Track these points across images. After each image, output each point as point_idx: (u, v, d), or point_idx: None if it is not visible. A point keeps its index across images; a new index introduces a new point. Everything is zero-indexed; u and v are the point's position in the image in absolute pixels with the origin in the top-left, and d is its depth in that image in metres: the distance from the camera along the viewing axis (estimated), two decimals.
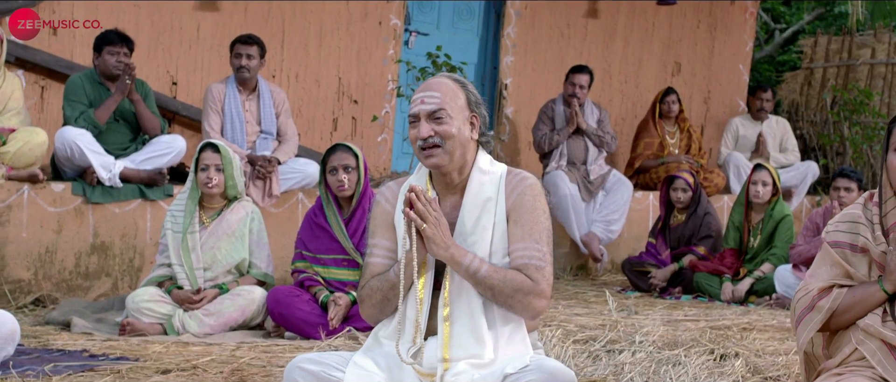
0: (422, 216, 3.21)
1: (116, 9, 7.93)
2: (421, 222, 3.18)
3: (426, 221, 3.20)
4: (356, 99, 9.10)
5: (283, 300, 5.69)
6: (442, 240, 3.22)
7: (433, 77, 3.42)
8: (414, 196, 3.21)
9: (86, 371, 4.37)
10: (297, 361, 3.29)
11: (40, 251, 6.74)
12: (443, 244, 3.22)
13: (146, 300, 5.73)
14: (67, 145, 6.77)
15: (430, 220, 3.21)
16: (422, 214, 3.20)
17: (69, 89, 7.08)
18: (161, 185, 7.16)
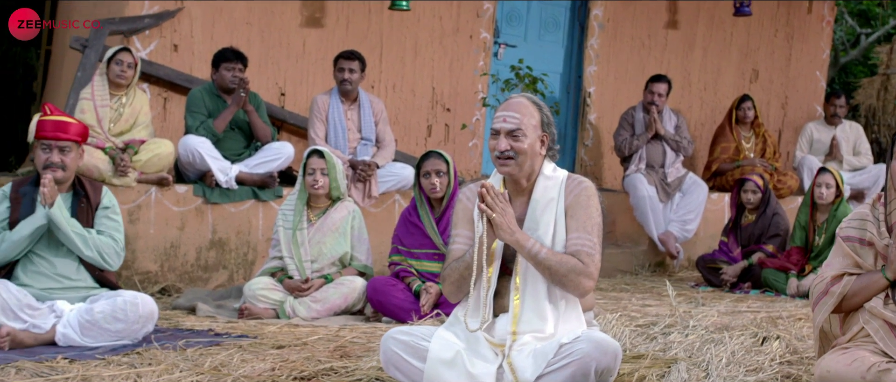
0: (491, 208, 3.88)
1: (231, 28, 8.62)
2: (490, 212, 3.86)
3: (494, 211, 3.87)
4: (448, 107, 9.69)
5: (381, 288, 6.33)
6: (508, 226, 3.89)
7: (516, 97, 4.08)
8: (484, 191, 3.89)
9: (213, 346, 5.06)
10: (391, 332, 4.00)
11: (166, 245, 7.46)
12: (508, 229, 3.89)
13: (261, 288, 6.40)
14: (190, 152, 7.49)
15: (497, 210, 3.88)
16: (491, 205, 3.87)
17: (191, 102, 7.79)
18: (271, 187, 7.77)
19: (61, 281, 5.26)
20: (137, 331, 5.15)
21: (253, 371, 4.36)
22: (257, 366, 4.48)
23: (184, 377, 4.22)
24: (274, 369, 4.44)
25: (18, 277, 5.24)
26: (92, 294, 5.29)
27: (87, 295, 5.28)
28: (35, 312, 5.11)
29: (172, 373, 4.28)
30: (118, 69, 7.39)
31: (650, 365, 4.22)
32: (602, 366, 3.74)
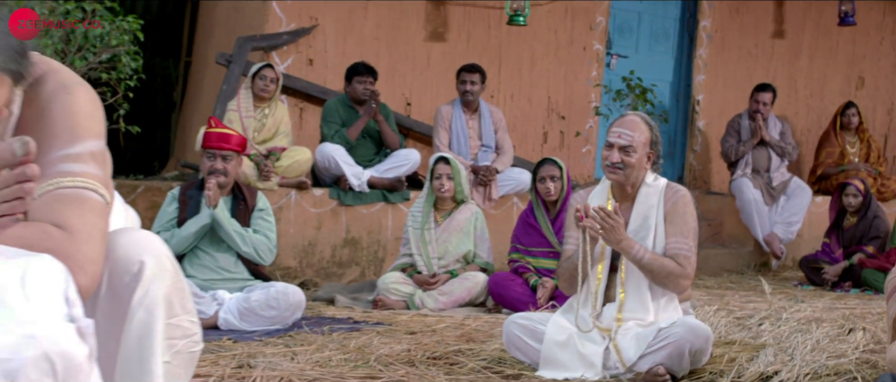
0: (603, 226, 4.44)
1: (361, 43, 9.31)
2: (592, 229, 4.44)
3: (604, 227, 4.44)
4: (563, 115, 10.25)
5: (501, 283, 6.92)
6: (616, 237, 4.48)
7: (631, 115, 4.68)
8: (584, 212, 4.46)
9: (353, 331, 5.73)
10: (513, 318, 4.65)
11: (304, 243, 8.18)
12: (616, 239, 4.48)
13: (393, 282, 7.04)
14: (326, 158, 8.18)
15: (606, 227, 4.46)
16: (602, 223, 4.43)
17: (326, 112, 8.48)
18: (400, 190, 8.39)
19: (222, 273, 6.01)
20: (288, 318, 5.86)
21: (391, 352, 5.01)
22: (395, 347, 5.13)
23: (333, 355, 4.88)
24: (409, 350, 5.08)
25: (185, 269, 5.98)
26: (248, 285, 6.02)
27: (243, 286, 6.01)
28: (200, 300, 5.85)
29: (323, 352, 4.95)
30: (262, 84, 8.12)
31: (740, 350, 4.75)
32: (695, 348, 4.32)
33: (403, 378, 4.36)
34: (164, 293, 2.18)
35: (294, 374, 4.37)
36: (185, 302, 2.27)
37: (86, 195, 2.03)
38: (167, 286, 2.19)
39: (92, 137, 2.14)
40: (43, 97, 2.15)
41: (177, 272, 2.25)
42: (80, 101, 2.16)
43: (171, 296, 2.21)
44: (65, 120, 2.11)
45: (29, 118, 2.14)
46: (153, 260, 2.17)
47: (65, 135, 2.07)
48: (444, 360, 4.87)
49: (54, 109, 2.13)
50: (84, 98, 2.18)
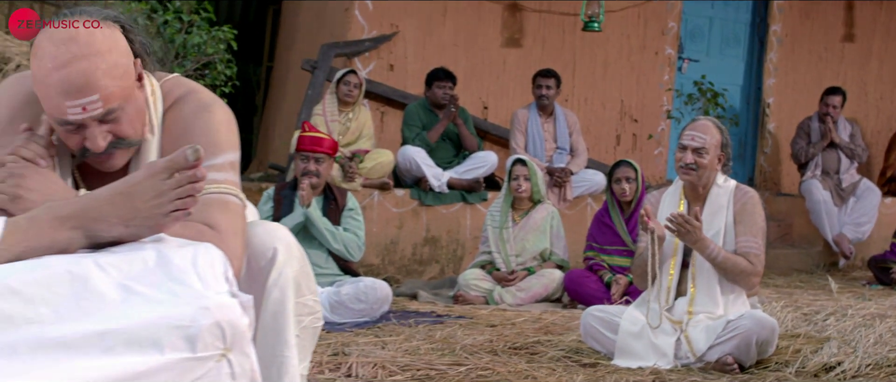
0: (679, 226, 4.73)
1: (440, 49, 9.65)
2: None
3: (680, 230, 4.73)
4: (636, 118, 10.50)
5: (577, 279, 7.21)
6: (693, 238, 4.76)
7: (704, 120, 4.98)
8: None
9: (437, 324, 6.08)
10: (590, 310, 4.97)
11: (386, 242, 8.53)
12: (693, 239, 4.78)
13: (473, 278, 7.37)
14: (407, 160, 8.54)
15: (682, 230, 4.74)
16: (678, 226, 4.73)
17: (407, 116, 8.85)
18: (478, 191, 8.70)
19: (314, 269, 6.36)
20: (376, 311, 6.22)
21: (474, 342, 5.35)
22: (477, 338, 5.47)
23: (421, 344, 5.23)
24: (491, 341, 5.41)
25: None
26: (338, 280, 6.38)
27: (334, 280, 6.38)
28: None
29: (411, 342, 5.30)
30: (346, 89, 8.49)
31: (805, 342, 5.02)
32: (761, 339, 4.61)
33: (488, 365, 4.69)
34: (293, 275, 2.53)
35: (386, 360, 4.72)
36: (310, 284, 2.63)
37: (228, 200, 2.38)
38: (295, 269, 2.54)
39: (230, 149, 2.49)
40: (186, 115, 2.51)
41: (303, 257, 2.61)
42: (218, 117, 2.51)
43: (299, 278, 2.56)
44: (206, 135, 2.45)
45: (175, 133, 2.49)
46: (284, 247, 2.53)
47: (208, 148, 2.39)
48: (524, 350, 5.20)
49: (197, 126, 2.48)
50: (221, 115, 2.53)
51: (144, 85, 2.44)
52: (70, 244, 2.06)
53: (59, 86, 2.24)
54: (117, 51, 2.29)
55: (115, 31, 2.33)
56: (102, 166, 2.41)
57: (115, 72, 2.27)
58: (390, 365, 4.63)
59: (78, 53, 2.23)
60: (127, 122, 2.34)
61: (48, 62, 2.24)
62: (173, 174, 2.08)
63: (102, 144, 2.32)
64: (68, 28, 2.26)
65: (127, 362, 1.83)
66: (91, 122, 2.29)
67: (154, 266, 1.98)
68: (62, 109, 2.26)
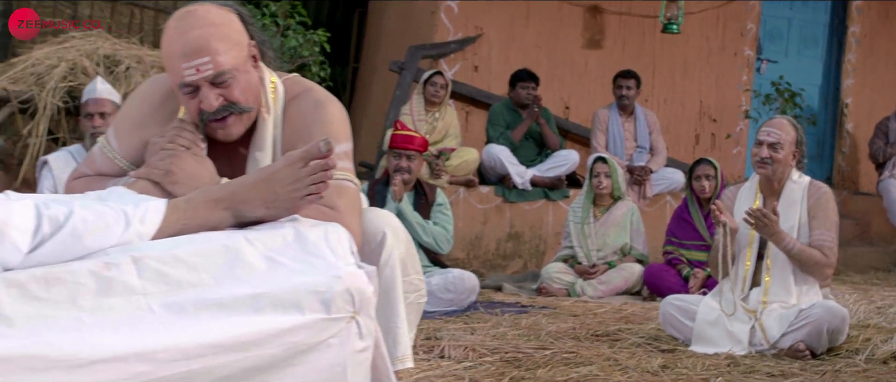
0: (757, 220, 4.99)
1: (523, 51, 9.94)
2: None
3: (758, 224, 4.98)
4: (715, 118, 10.68)
5: (656, 273, 7.44)
6: (770, 231, 5.01)
7: (779, 118, 5.24)
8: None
9: (521, 314, 6.38)
10: (668, 298, 5.25)
11: (471, 237, 8.84)
12: (770, 232, 5.03)
13: (556, 272, 7.65)
14: (492, 158, 8.84)
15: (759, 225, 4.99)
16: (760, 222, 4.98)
17: (492, 116, 9.16)
18: (560, 188, 8.98)
19: None
20: (464, 300, 6.53)
21: (558, 329, 5.64)
22: (561, 326, 5.76)
23: (507, 331, 5.53)
24: (574, 328, 5.70)
25: None
26: (427, 271, 6.70)
27: (424, 272, 6.69)
28: None
29: (498, 328, 5.61)
30: (433, 89, 8.82)
31: (876, 332, 5.24)
32: (832, 327, 4.84)
33: (571, 349, 4.98)
34: (400, 256, 2.86)
35: (476, 344, 5.03)
36: (415, 264, 2.96)
37: (345, 185, 2.71)
38: (402, 251, 2.87)
39: (344, 140, 2.82)
40: (304, 110, 2.85)
41: (409, 241, 2.94)
42: (332, 112, 2.85)
43: (406, 259, 2.89)
44: (323, 128, 2.79)
45: (294, 126, 2.83)
46: (392, 231, 2.86)
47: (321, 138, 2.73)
48: (606, 337, 5.48)
49: (314, 120, 2.82)
50: (335, 110, 2.87)
51: (261, 68, 2.78)
52: (221, 222, 2.41)
53: (178, 50, 2.64)
54: (229, 26, 2.68)
55: (230, 12, 2.73)
56: (217, 134, 2.76)
57: (225, 41, 2.66)
58: (480, 348, 4.93)
59: (194, 23, 2.64)
60: (238, 89, 2.70)
61: (171, 32, 2.66)
62: (308, 163, 2.42)
63: (214, 104, 2.68)
64: (188, 7, 2.68)
65: (274, 320, 2.16)
66: (204, 83, 2.67)
67: (292, 241, 2.32)
68: (180, 71, 2.65)
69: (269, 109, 2.80)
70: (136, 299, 2.07)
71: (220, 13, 2.69)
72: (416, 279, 2.97)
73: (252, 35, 2.77)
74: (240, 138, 2.77)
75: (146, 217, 2.29)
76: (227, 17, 2.70)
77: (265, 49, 2.83)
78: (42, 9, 10.59)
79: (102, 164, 2.88)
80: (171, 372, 2.01)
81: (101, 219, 2.21)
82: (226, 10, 2.72)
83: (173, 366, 2.02)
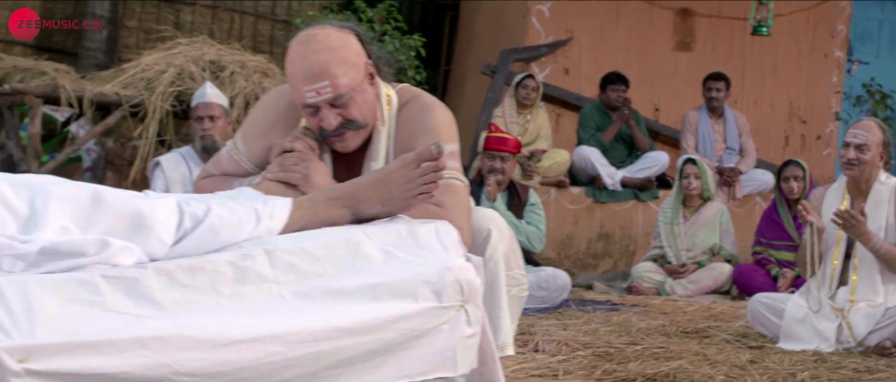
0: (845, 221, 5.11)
1: (613, 53, 10.07)
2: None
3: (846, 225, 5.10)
4: (804, 120, 10.69)
5: (745, 273, 7.54)
6: (857, 231, 5.12)
7: (867, 120, 5.36)
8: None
9: (612, 311, 6.54)
10: (756, 296, 5.39)
11: (562, 237, 9.00)
12: (858, 233, 5.14)
13: (646, 271, 7.80)
14: (583, 160, 9.01)
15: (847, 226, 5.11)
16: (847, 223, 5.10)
17: (583, 118, 9.31)
18: (650, 189, 9.12)
19: None
20: (556, 298, 6.71)
21: (649, 326, 5.80)
22: (651, 323, 5.92)
23: (598, 327, 5.71)
24: (664, 325, 5.86)
25: None
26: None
27: None
28: None
29: (589, 324, 5.79)
30: (524, 92, 9.02)
31: None
32: None
33: (662, 344, 5.14)
34: (504, 251, 3.07)
35: (569, 339, 5.22)
36: (518, 260, 3.16)
37: (453, 184, 2.92)
38: (506, 246, 3.08)
39: (451, 141, 3.03)
40: (414, 115, 3.06)
41: (512, 237, 3.14)
42: (439, 116, 3.06)
43: (509, 254, 3.10)
44: (431, 131, 3.00)
45: (405, 130, 3.05)
46: (496, 228, 3.07)
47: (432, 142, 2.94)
48: (695, 334, 5.63)
49: (423, 124, 3.03)
50: (442, 114, 3.08)
51: (377, 84, 3.00)
52: (340, 219, 2.64)
53: (299, 74, 2.85)
54: (347, 49, 2.88)
55: (349, 35, 2.92)
56: (336, 145, 2.99)
57: (344, 65, 2.86)
58: (572, 343, 5.12)
59: (315, 48, 2.85)
60: (355, 108, 2.91)
61: (294, 56, 2.87)
62: (420, 165, 2.63)
63: (333, 123, 2.90)
64: (310, 30, 2.89)
65: (391, 307, 2.38)
66: (324, 104, 2.88)
67: (406, 236, 2.54)
68: (302, 93, 2.87)
69: (384, 121, 3.02)
70: (268, 287, 2.30)
71: (339, 36, 2.89)
72: (519, 274, 3.17)
73: (369, 54, 2.98)
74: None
75: (274, 214, 2.52)
76: (345, 39, 2.90)
77: (381, 65, 3.04)
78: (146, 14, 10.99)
79: (229, 165, 3.14)
80: (301, 353, 2.24)
81: (234, 215, 2.44)
82: (344, 32, 2.92)
83: (303, 347, 2.24)
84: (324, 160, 2.96)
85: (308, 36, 2.88)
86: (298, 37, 2.91)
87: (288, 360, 2.23)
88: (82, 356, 2.01)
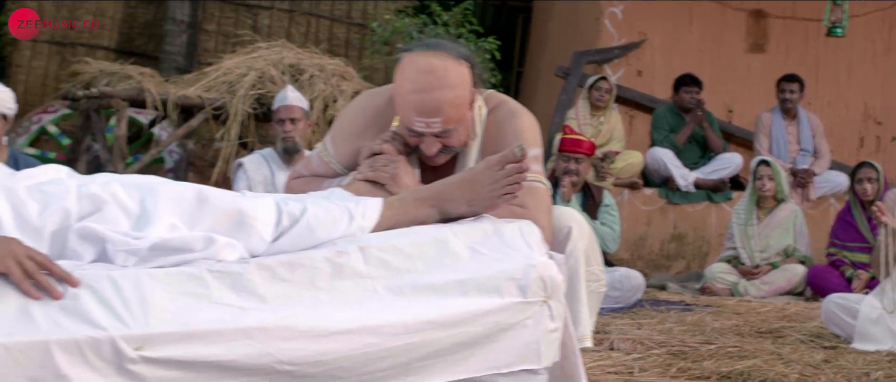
0: None
1: (686, 55, 10.10)
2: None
3: None
4: (880, 121, 10.62)
5: (819, 274, 7.56)
6: None
7: None
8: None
9: (686, 311, 6.60)
10: (830, 297, 5.43)
11: (635, 238, 9.07)
12: None
13: (720, 272, 7.84)
14: (656, 161, 9.07)
15: None
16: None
17: (656, 119, 9.38)
18: (723, 191, 9.16)
19: None
20: (630, 298, 6.79)
21: (722, 326, 5.86)
22: (725, 323, 5.98)
23: (673, 327, 5.78)
24: (738, 325, 5.92)
25: None
26: None
27: None
28: None
29: (664, 324, 5.86)
30: (598, 94, 9.10)
31: None
32: None
33: (736, 344, 5.20)
34: (583, 248, 3.18)
35: (643, 338, 5.30)
36: (596, 256, 3.27)
37: (536, 186, 3.03)
38: (585, 244, 3.19)
39: (535, 146, 3.15)
40: (500, 120, 3.19)
41: (592, 235, 3.25)
42: (524, 122, 3.18)
43: (588, 251, 3.21)
44: (516, 136, 3.12)
45: (491, 135, 3.18)
46: (576, 226, 3.18)
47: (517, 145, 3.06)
48: (769, 334, 5.68)
49: (508, 129, 3.15)
50: (526, 119, 3.20)
51: (474, 106, 3.11)
52: (427, 218, 2.76)
53: (413, 105, 2.96)
54: (462, 86, 2.98)
55: (464, 68, 3.01)
56: (425, 160, 3.11)
57: (456, 102, 2.97)
58: (647, 342, 5.20)
59: (434, 84, 2.93)
60: (456, 137, 3.04)
61: (409, 84, 2.96)
62: (504, 166, 2.75)
63: (434, 151, 3.03)
64: (430, 60, 2.94)
65: (478, 302, 2.50)
66: (429, 135, 2.99)
67: (491, 234, 2.66)
68: (411, 121, 2.98)
69: (476, 135, 3.13)
70: (363, 282, 2.43)
71: (458, 73, 2.97)
72: (597, 270, 3.29)
73: (475, 80, 3.07)
74: None
75: (366, 213, 2.65)
76: (461, 76, 2.98)
77: (480, 83, 3.14)
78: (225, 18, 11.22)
79: (318, 166, 3.28)
80: (394, 344, 2.37)
81: (329, 214, 2.58)
82: (461, 65, 2.99)
83: (396, 339, 2.37)
84: (411, 162, 3.09)
85: (428, 68, 2.93)
86: (419, 61, 2.96)
87: (382, 351, 2.35)
88: (192, 344, 2.15)
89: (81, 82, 8.56)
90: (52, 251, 2.30)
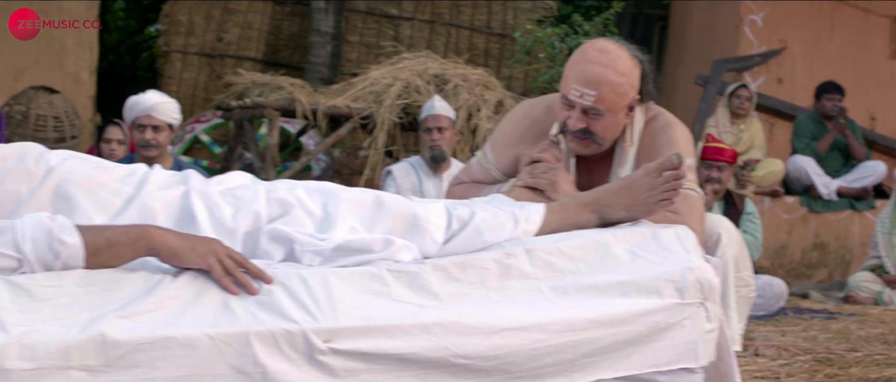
0: None
1: (827, 62, 10.03)
2: None
3: None
4: None
5: None
6: None
7: None
8: None
9: (830, 320, 6.60)
10: None
11: (776, 246, 9.04)
12: None
13: (864, 281, 7.79)
14: (797, 169, 9.04)
15: None
16: None
17: (798, 127, 9.34)
18: (866, 199, 9.09)
19: None
20: (772, 305, 6.81)
21: (868, 334, 5.85)
22: (870, 331, 5.97)
23: (817, 334, 5.80)
24: (884, 333, 5.90)
25: None
26: None
27: None
28: None
29: (808, 331, 5.89)
30: (738, 102, 9.11)
31: None
32: None
33: (882, 351, 5.21)
34: (732, 254, 3.27)
35: (788, 344, 5.34)
36: (746, 262, 3.36)
37: (689, 194, 3.15)
38: (735, 250, 3.29)
39: (688, 155, 3.26)
40: (656, 130, 3.31)
41: (741, 242, 3.35)
42: (679, 132, 3.30)
43: (737, 257, 3.31)
44: (670, 146, 3.24)
45: (647, 144, 3.30)
46: (726, 233, 3.28)
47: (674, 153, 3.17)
48: None
49: (663, 139, 3.28)
50: (680, 130, 3.32)
51: (632, 115, 3.23)
52: (587, 222, 2.90)
53: (576, 72, 3.14)
54: (628, 78, 3.14)
55: (636, 67, 3.17)
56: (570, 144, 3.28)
57: (617, 88, 3.12)
58: (792, 348, 5.24)
59: (603, 61, 3.11)
60: (600, 125, 3.18)
61: (580, 55, 3.15)
62: (662, 173, 2.87)
63: (577, 125, 3.18)
64: (608, 44, 3.14)
65: (638, 303, 2.63)
66: (579, 107, 3.14)
67: (650, 238, 2.78)
68: (569, 88, 3.16)
69: (633, 140, 3.26)
70: (529, 282, 2.57)
71: (628, 65, 3.15)
72: (747, 276, 3.38)
73: (642, 90, 3.22)
74: (600, 157, 3.26)
75: (530, 218, 2.80)
76: (631, 70, 3.16)
77: (647, 97, 3.26)
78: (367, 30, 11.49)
79: (478, 173, 3.45)
80: (560, 341, 2.51)
81: (495, 219, 2.74)
82: (633, 62, 3.18)
83: (562, 336, 2.51)
84: (568, 170, 3.23)
85: (605, 47, 3.14)
86: (598, 42, 3.17)
87: (549, 347, 2.49)
88: (376, 338, 2.32)
89: (234, 93, 8.90)
90: (245, 250, 2.50)
